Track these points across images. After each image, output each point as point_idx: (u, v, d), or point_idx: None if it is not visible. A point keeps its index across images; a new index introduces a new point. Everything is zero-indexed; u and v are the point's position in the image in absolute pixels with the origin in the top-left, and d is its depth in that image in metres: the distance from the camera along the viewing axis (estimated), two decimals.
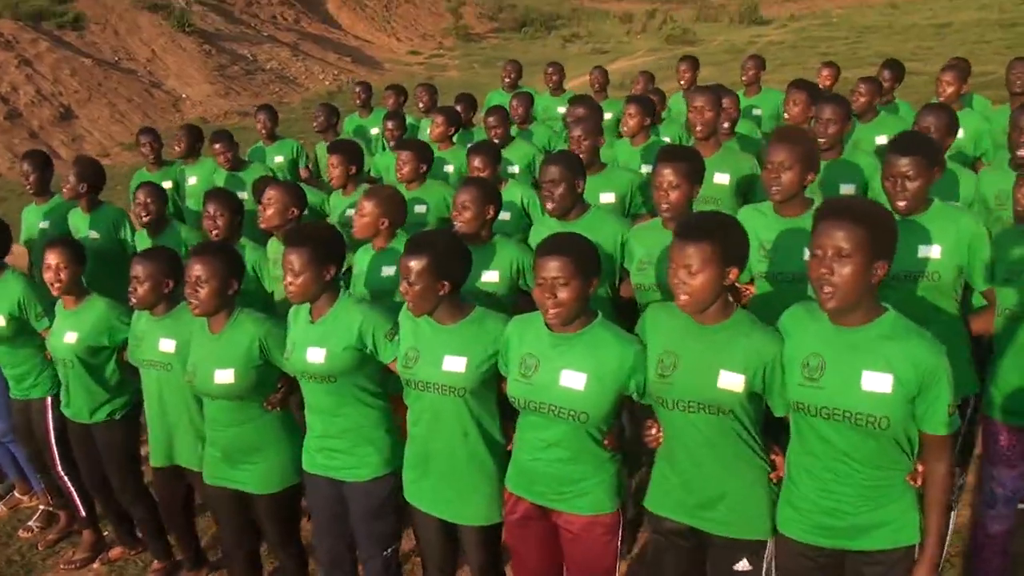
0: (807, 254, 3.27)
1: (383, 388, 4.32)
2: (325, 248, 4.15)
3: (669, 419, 3.56)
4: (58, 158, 17.23)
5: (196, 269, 4.26)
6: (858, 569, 3.37)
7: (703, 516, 3.58)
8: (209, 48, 26.21)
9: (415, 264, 3.81)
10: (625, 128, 6.81)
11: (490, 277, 4.84)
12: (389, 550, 4.40)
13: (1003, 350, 4.22)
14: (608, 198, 5.80)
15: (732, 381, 3.37)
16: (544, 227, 4.94)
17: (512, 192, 6.08)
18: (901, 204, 4.07)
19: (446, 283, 3.86)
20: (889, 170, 4.10)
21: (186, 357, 4.52)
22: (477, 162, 5.93)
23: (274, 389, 4.49)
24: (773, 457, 3.54)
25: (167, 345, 4.66)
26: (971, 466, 5.36)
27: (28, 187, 6.92)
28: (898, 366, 3.13)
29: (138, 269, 4.61)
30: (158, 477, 5.07)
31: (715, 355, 3.41)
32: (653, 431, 3.63)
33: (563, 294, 3.52)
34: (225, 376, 4.32)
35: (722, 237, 3.34)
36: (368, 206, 5.05)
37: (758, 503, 3.52)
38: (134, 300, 4.67)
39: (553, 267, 3.51)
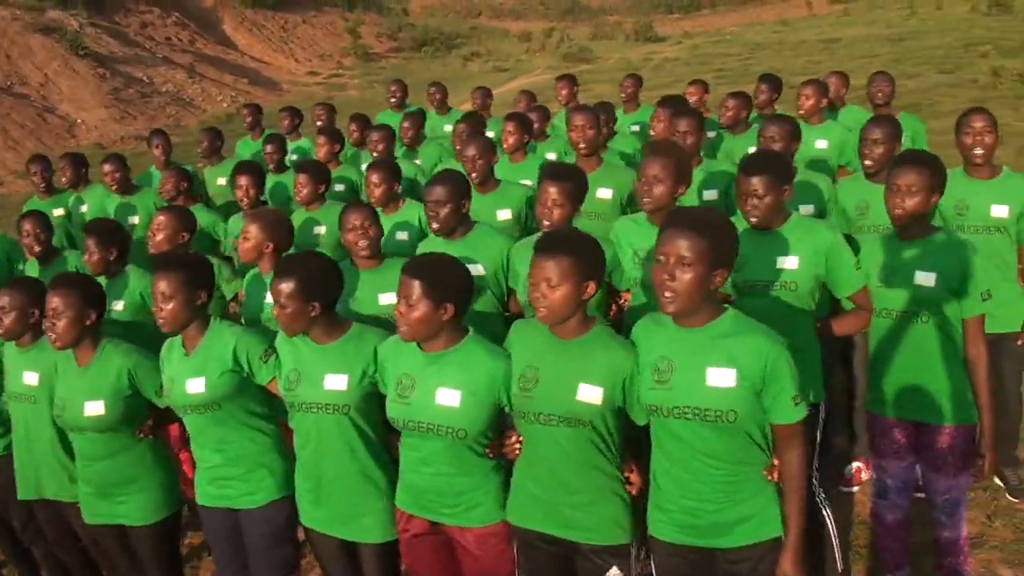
0: None
1: (270, 410, 4.33)
2: (196, 273, 4.15)
3: (530, 432, 3.64)
4: None
5: (53, 301, 4.23)
6: (727, 568, 3.48)
7: (564, 524, 3.66)
8: (103, 71, 25.75)
9: (284, 287, 3.86)
10: (505, 145, 6.90)
11: (387, 299, 4.77)
12: None
13: (883, 348, 4.41)
14: (504, 215, 5.90)
15: (591, 394, 3.47)
16: (429, 246, 4.96)
17: (410, 211, 6.07)
18: (753, 220, 4.26)
19: (316, 304, 3.89)
20: (740, 188, 4.28)
21: (50, 390, 4.47)
22: (375, 178, 5.91)
23: (145, 418, 4.45)
24: (627, 474, 3.64)
25: (31, 378, 4.60)
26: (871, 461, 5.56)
27: None
28: (741, 360, 3.27)
29: (4, 299, 4.54)
30: (39, 511, 4.96)
31: (574, 368, 3.51)
32: (512, 440, 3.71)
33: (411, 313, 3.60)
34: (95, 408, 4.27)
35: (580, 252, 3.45)
36: (252, 230, 5.05)
37: (615, 509, 3.63)
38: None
39: (404, 286, 3.61)
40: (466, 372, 3.68)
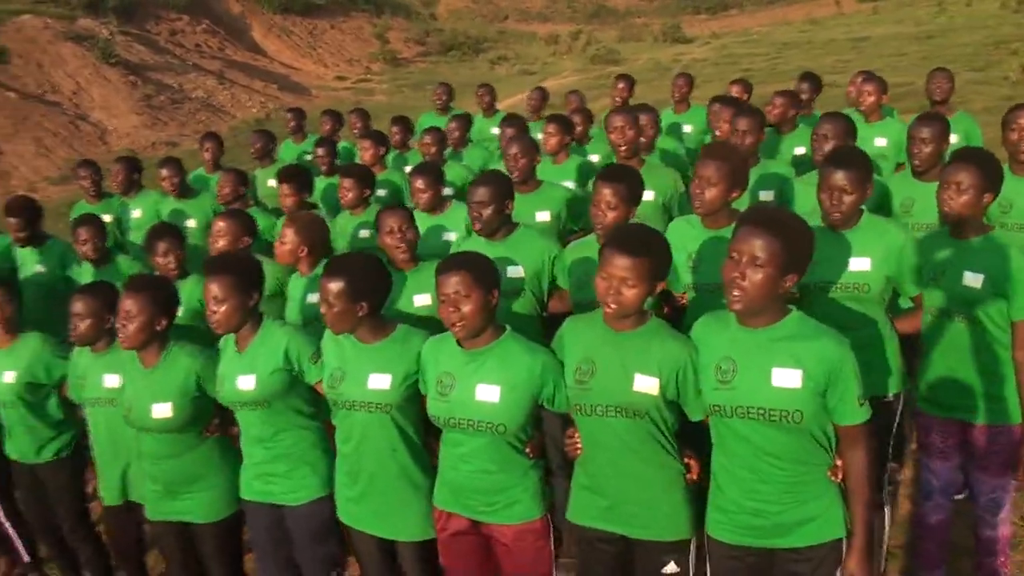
0: None
1: (317, 409, 4.38)
2: (246, 276, 4.21)
3: (587, 425, 3.67)
4: None
5: (126, 304, 4.27)
6: (787, 568, 3.47)
7: (624, 521, 3.69)
8: (134, 79, 25.91)
9: (333, 286, 3.89)
10: (546, 147, 6.89)
11: (422, 300, 4.90)
12: (334, 574, 4.44)
13: (931, 347, 4.39)
14: (544, 216, 5.89)
15: (647, 384, 3.50)
16: (470, 246, 4.92)
17: (456, 213, 6.09)
18: (836, 217, 4.20)
19: (364, 304, 3.93)
20: (827, 183, 4.20)
21: None
22: (420, 183, 5.94)
23: (211, 418, 4.49)
24: (687, 460, 3.65)
25: (111, 380, 4.65)
26: (907, 461, 5.54)
27: None
28: (806, 361, 3.26)
29: (78, 306, 4.61)
30: (110, 515, 5.03)
31: (630, 359, 3.53)
32: (574, 438, 3.75)
33: (465, 306, 3.63)
34: (163, 410, 4.31)
35: (656, 253, 3.49)
36: (288, 233, 5.11)
37: (676, 503, 3.65)
38: (74, 337, 4.67)
39: (451, 283, 3.64)
40: (505, 368, 3.73)
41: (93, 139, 22.68)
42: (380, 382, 3.96)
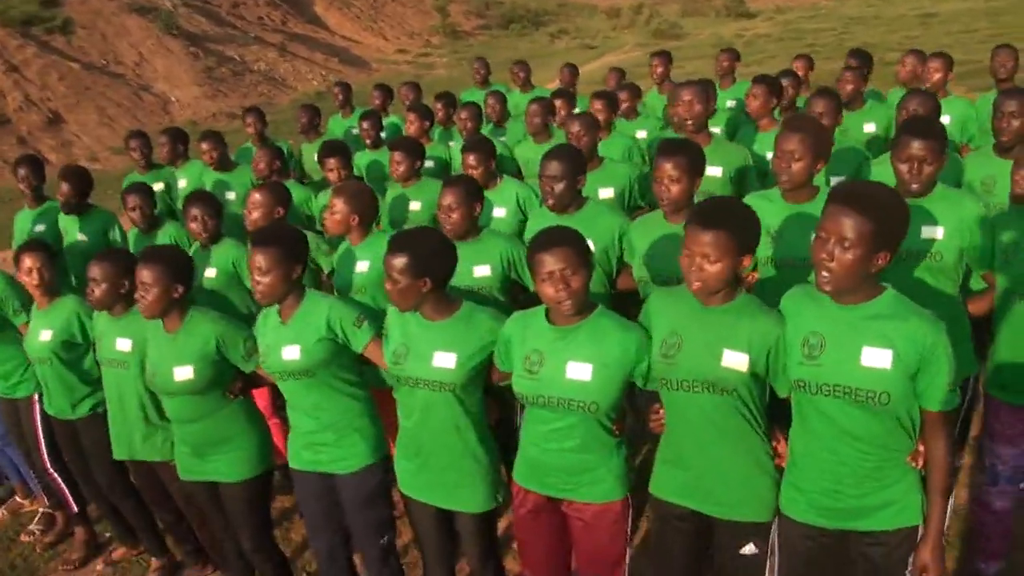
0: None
1: (362, 378, 4.40)
2: (292, 247, 4.22)
3: (673, 400, 3.59)
4: (48, 164, 17.21)
5: (143, 275, 4.33)
6: (860, 550, 3.39)
7: (706, 499, 3.61)
8: (196, 50, 26.19)
9: (397, 262, 3.85)
10: None
11: (482, 271, 4.89)
12: (385, 538, 4.46)
13: (1002, 330, 4.27)
14: (607, 193, 5.83)
15: (736, 360, 3.39)
16: (542, 221, 4.79)
17: (507, 189, 6.06)
18: (915, 187, 4.08)
19: (428, 280, 3.88)
20: (904, 153, 4.08)
21: (142, 356, 4.62)
22: (472, 159, 5.92)
23: (233, 382, 4.56)
24: (775, 444, 3.56)
25: (123, 344, 4.76)
26: (967, 447, 5.42)
27: (26, 192, 6.99)
28: (898, 342, 3.14)
29: (95, 271, 4.69)
30: (134, 470, 5.20)
31: (719, 335, 3.43)
32: (659, 414, 3.68)
33: (574, 283, 3.55)
34: (184, 373, 4.38)
35: (739, 226, 3.37)
36: (339, 204, 5.12)
37: (761, 485, 3.56)
38: (91, 300, 4.77)
39: (558, 259, 3.53)
40: (597, 345, 3.64)
41: (155, 110, 22.98)
42: (445, 360, 3.92)
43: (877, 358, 3.16)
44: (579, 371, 3.63)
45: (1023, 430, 4.36)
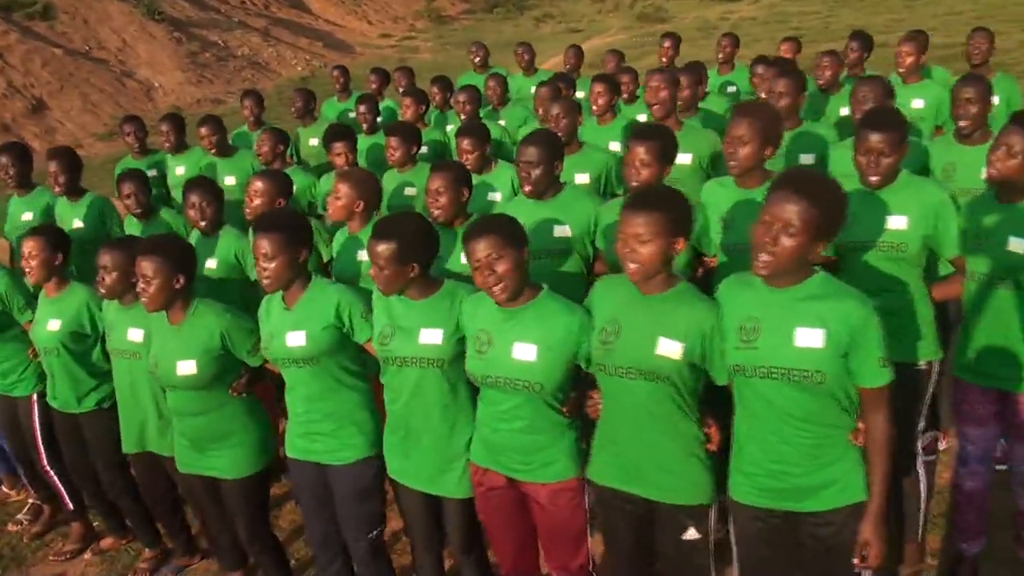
0: None
1: (364, 369, 4.37)
2: (296, 232, 4.18)
3: (610, 386, 3.64)
4: (32, 151, 17.04)
5: (143, 266, 4.28)
6: (809, 531, 3.45)
7: (644, 482, 3.66)
8: (180, 36, 26.01)
9: (383, 249, 3.86)
10: (594, 107, 6.83)
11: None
12: (375, 532, 4.44)
13: (973, 314, 4.30)
14: (583, 178, 5.81)
15: (670, 348, 3.45)
16: (517, 206, 4.91)
17: (502, 173, 6.04)
18: (874, 179, 4.15)
19: (415, 265, 3.91)
20: (863, 145, 4.15)
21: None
22: (466, 144, 5.88)
23: (237, 376, 4.51)
24: (707, 430, 3.61)
25: (135, 334, 4.71)
26: (949, 431, 5.44)
27: (8, 180, 6.80)
28: (830, 321, 3.21)
29: (105, 259, 4.64)
30: (136, 463, 5.15)
31: (655, 323, 3.49)
32: (595, 399, 3.73)
33: (499, 267, 3.62)
34: (187, 367, 4.35)
35: (670, 208, 3.43)
36: (343, 189, 5.09)
37: (694, 470, 3.61)
38: (102, 290, 4.71)
39: (482, 247, 3.63)
40: (542, 327, 3.71)
41: (139, 96, 22.81)
42: (432, 337, 3.95)
43: (810, 338, 3.24)
44: (524, 352, 3.71)
45: (993, 411, 4.40)
